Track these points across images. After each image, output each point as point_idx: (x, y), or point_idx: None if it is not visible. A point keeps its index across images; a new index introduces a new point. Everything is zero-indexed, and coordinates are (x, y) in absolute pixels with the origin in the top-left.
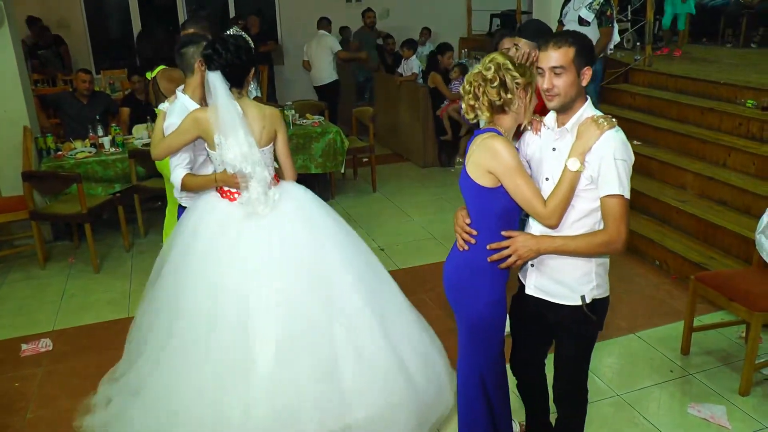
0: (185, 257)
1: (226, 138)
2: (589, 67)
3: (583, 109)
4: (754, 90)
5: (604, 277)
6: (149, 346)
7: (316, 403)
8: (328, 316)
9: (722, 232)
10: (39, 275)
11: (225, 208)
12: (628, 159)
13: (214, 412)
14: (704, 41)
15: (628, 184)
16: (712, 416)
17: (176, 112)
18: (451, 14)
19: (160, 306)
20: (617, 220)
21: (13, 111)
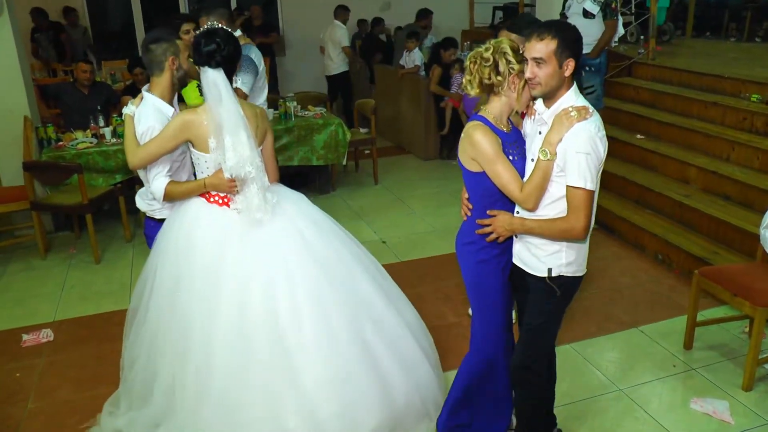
0: (184, 280)
1: (227, 140)
2: (572, 59)
3: (563, 98)
4: (759, 84)
5: (578, 258)
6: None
7: (367, 398)
8: (355, 313)
9: (726, 226)
10: (40, 266)
11: (221, 215)
12: (592, 152)
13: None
14: (708, 35)
15: (592, 176)
16: (714, 411)
17: (151, 115)
18: (454, 7)
19: (163, 341)
20: (576, 210)
21: (13, 101)
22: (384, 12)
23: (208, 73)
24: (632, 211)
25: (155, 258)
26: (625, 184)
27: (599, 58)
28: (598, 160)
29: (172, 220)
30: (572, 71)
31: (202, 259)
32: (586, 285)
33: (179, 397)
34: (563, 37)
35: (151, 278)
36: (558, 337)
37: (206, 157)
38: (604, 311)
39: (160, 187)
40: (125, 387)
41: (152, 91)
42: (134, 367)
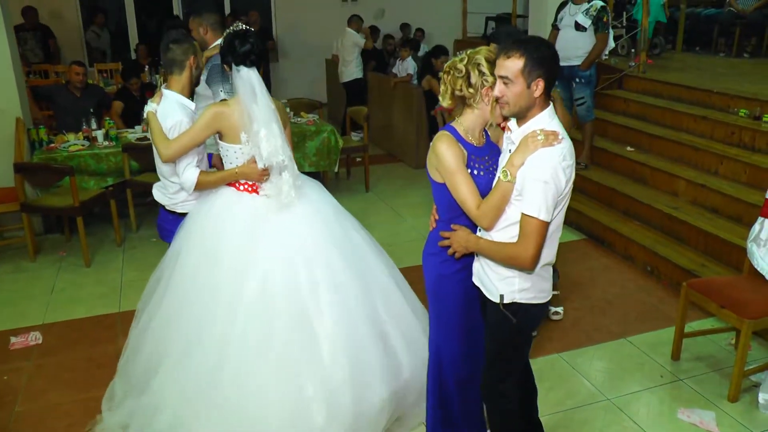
0: (211, 258)
1: (262, 132)
2: (541, 79)
3: (534, 120)
4: (747, 99)
5: (535, 285)
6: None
7: (378, 369)
8: (367, 291)
9: (714, 239)
10: (29, 268)
11: (250, 201)
12: (551, 181)
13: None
14: (697, 50)
15: (547, 207)
16: (701, 422)
17: (177, 110)
18: (446, 16)
19: (178, 318)
20: (527, 238)
21: (5, 102)
22: (378, 20)
23: (241, 72)
24: (621, 222)
25: (180, 243)
26: (614, 195)
27: (590, 71)
28: (557, 191)
29: (200, 208)
30: (543, 92)
31: (232, 239)
32: (576, 296)
33: (193, 372)
34: (532, 55)
35: (173, 262)
36: (547, 347)
37: (235, 148)
38: (593, 321)
39: (192, 177)
40: (123, 375)
41: (172, 89)
42: (138, 354)
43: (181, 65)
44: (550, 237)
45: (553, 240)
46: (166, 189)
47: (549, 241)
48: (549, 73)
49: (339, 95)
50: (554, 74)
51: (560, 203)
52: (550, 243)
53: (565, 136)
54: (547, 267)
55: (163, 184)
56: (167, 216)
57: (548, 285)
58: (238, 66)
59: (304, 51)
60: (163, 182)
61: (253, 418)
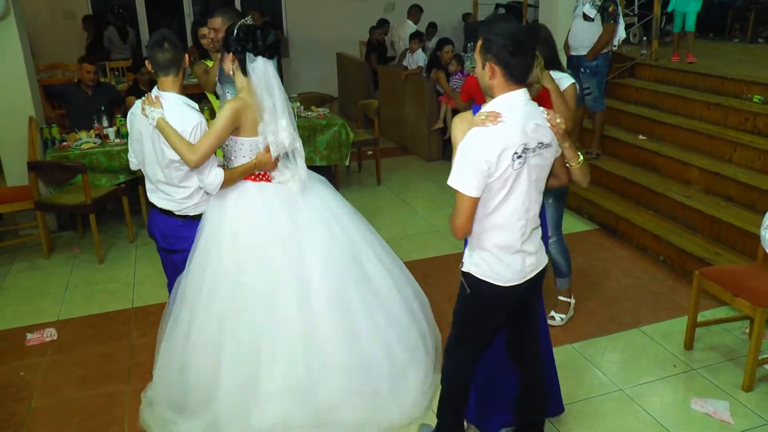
0: (257, 259)
1: (282, 122)
2: (493, 63)
3: (491, 102)
4: (761, 85)
5: (488, 264)
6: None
7: (374, 354)
8: (363, 284)
9: (727, 227)
10: (44, 265)
11: (273, 190)
12: (468, 157)
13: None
14: (711, 36)
15: (465, 181)
16: (714, 411)
17: (189, 111)
18: (457, 6)
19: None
20: (454, 208)
21: (18, 101)
22: (388, 13)
23: (258, 63)
24: (634, 212)
25: (211, 243)
26: (626, 184)
27: (596, 61)
28: (479, 170)
29: (223, 205)
30: (498, 76)
31: (274, 234)
32: (588, 286)
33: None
34: (486, 38)
35: (209, 264)
36: (559, 338)
37: (251, 141)
38: (606, 312)
39: (219, 178)
40: (165, 386)
41: (169, 90)
42: (187, 369)
43: (178, 65)
44: (506, 223)
45: (509, 228)
46: (171, 195)
47: (502, 226)
48: (499, 59)
49: (350, 89)
50: (506, 61)
51: (498, 189)
52: (505, 228)
53: (506, 121)
54: (505, 251)
55: (167, 191)
56: (176, 222)
57: (506, 271)
58: (256, 57)
59: (315, 45)
60: (165, 189)
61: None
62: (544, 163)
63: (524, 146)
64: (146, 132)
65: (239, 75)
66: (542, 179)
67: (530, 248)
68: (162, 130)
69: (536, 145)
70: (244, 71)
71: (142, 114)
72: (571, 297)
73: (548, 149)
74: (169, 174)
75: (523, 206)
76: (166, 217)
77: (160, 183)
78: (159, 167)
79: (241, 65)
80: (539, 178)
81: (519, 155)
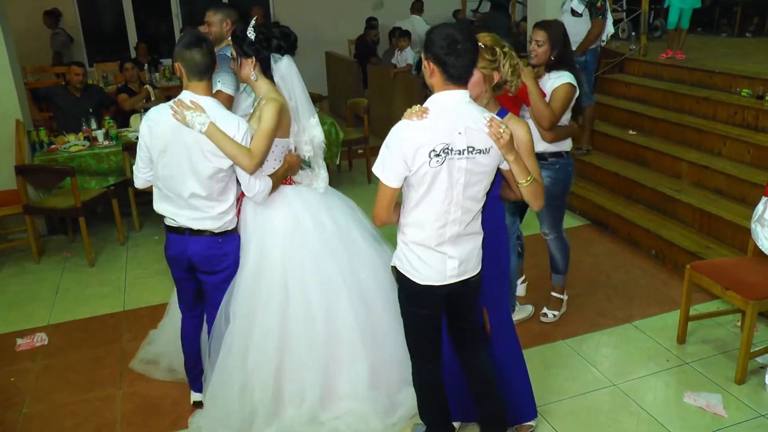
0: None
1: (312, 120)
2: (428, 60)
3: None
4: (749, 79)
5: (407, 258)
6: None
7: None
8: (348, 277)
9: (718, 221)
10: (33, 269)
11: (307, 193)
12: (390, 147)
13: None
14: (699, 30)
15: (385, 170)
16: (707, 405)
17: (233, 115)
18: (444, 4)
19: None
20: (376, 195)
21: (5, 104)
22: (377, 11)
23: (284, 62)
24: (624, 206)
25: (264, 260)
26: (617, 179)
27: (584, 56)
28: (396, 159)
29: (267, 214)
30: (436, 75)
31: (323, 239)
32: (580, 281)
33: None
34: (428, 38)
35: (264, 284)
36: (552, 334)
37: (283, 143)
38: (598, 307)
39: (269, 185)
40: (238, 416)
41: (201, 94)
42: (248, 391)
43: (212, 71)
44: (424, 220)
45: (427, 227)
46: (208, 211)
47: (421, 223)
48: (437, 59)
49: (339, 88)
50: (443, 60)
51: (416, 184)
52: (422, 226)
53: (428, 116)
54: (422, 249)
55: (202, 207)
56: (215, 241)
57: (424, 268)
58: (282, 57)
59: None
60: (200, 205)
61: None
62: (479, 169)
63: (445, 146)
64: (178, 141)
65: (261, 78)
66: (476, 185)
67: (452, 252)
68: (213, 137)
69: (464, 148)
70: (266, 73)
71: (180, 122)
72: (564, 293)
73: (483, 155)
74: (210, 186)
75: (442, 207)
76: (203, 238)
77: (194, 198)
78: (196, 180)
79: (264, 67)
80: (470, 183)
81: (437, 154)
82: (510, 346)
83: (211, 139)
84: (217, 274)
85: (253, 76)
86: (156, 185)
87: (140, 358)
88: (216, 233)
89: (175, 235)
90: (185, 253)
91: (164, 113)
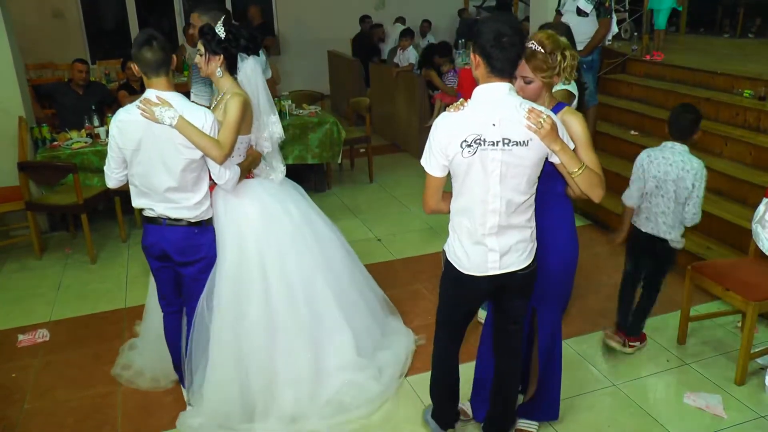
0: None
1: (273, 117)
2: (474, 54)
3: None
4: (751, 80)
5: (453, 246)
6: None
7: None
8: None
9: (719, 221)
10: (35, 266)
11: (270, 185)
12: (431, 138)
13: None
14: (701, 31)
15: (428, 160)
16: (707, 405)
17: (198, 108)
18: (447, 3)
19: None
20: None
21: (7, 101)
22: (379, 10)
23: (249, 62)
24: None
25: (242, 252)
26: (618, 180)
27: (591, 56)
28: (434, 149)
29: (237, 204)
30: (480, 66)
31: (293, 227)
32: (581, 282)
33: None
34: (477, 30)
35: (244, 274)
36: None
37: (246, 138)
38: (599, 307)
39: (237, 173)
40: (238, 405)
41: (164, 90)
42: (246, 380)
43: (169, 65)
44: (466, 209)
45: (469, 215)
46: (183, 202)
47: (464, 212)
48: (481, 50)
49: (341, 87)
50: (486, 52)
51: (456, 174)
52: (465, 214)
53: (461, 110)
54: (466, 238)
55: (177, 199)
56: (191, 231)
57: (465, 258)
58: (248, 56)
59: (306, 43)
60: (175, 197)
61: None
62: (517, 161)
63: (477, 137)
64: (150, 138)
65: (226, 75)
66: (516, 177)
67: (494, 245)
68: (183, 130)
69: (499, 140)
70: (232, 71)
71: (148, 118)
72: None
73: (522, 147)
74: (184, 177)
75: (480, 197)
76: (179, 228)
77: (169, 191)
78: (169, 174)
79: (230, 65)
80: (508, 174)
81: (469, 144)
82: (553, 348)
83: (181, 132)
84: (193, 265)
85: (218, 72)
86: (132, 183)
87: (122, 364)
88: (193, 223)
89: (153, 225)
90: (160, 244)
91: (133, 113)
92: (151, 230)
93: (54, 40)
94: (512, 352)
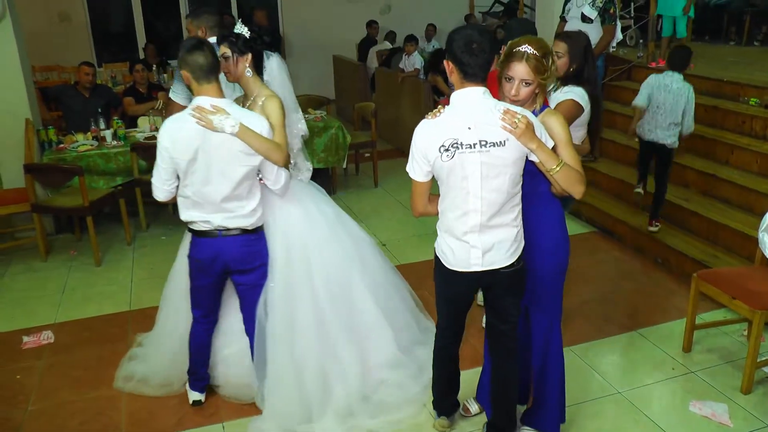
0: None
1: (300, 114)
2: (447, 61)
3: None
4: (758, 88)
5: (439, 243)
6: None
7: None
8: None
9: (725, 230)
10: (40, 268)
11: (303, 185)
12: (412, 143)
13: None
14: (707, 39)
15: (411, 166)
16: (713, 414)
17: (251, 113)
18: (453, 8)
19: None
20: None
21: (14, 103)
22: (384, 15)
23: (274, 59)
24: (631, 214)
25: (293, 252)
26: (623, 187)
27: (596, 62)
28: (416, 155)
29: (288, 207)
30: (452, 74)
31: (330, 225)
32: (586, 288)
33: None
34: (449, 38)
35: (294, 275)
36: None
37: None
38: (604, 314)
39: (288, 176)
40: (298, 405)
41: (215, 96)
42: (303, 380)
43: (219, 70)
44: (448, 209)
45: (451, 215)
46: (238, 210)
47: (446, 212)
48: (453, 57)
49: (346, 91)
50: (458, 58)
51: (439, 176)
52: (448, 214)
53: (443, 113)
54: (449, 236)
55: (233, 208)
56: (249, 239)
57: (450, 254)
58: (273, 53)
59: (312, 48)
60: (231, 206)
61: None
62: (497, 161)
63: (454, 141)
64: (207, 147)
65: (255, 75)
66: (497, 177)
67: (476, 242)
68: (245, 136)
69: (475, 142)
70: (259, 70)
71: (207, 127)
72: None
73: (499, 148)
74: (241, 185)
75: (462, 198)
76: (237, 238)
77: (226, 201)
78: (228, 183)
79: (257, 63)
80: (489, 175)
81: (446, 149)
82: (548, 353)
83: (243, 138)
84: (252, 272)
85: (248, 72)
86: (183, 194)
87: (123, 376)
88: (249, 230)
89: (206, 239)
90: (220, 257)
91: (185, 121)
92: (205, 244)
93: (61, 42)
94: (507, 353)
